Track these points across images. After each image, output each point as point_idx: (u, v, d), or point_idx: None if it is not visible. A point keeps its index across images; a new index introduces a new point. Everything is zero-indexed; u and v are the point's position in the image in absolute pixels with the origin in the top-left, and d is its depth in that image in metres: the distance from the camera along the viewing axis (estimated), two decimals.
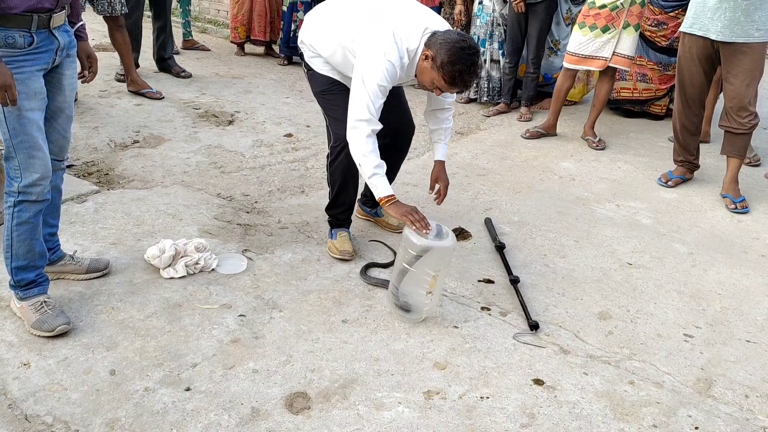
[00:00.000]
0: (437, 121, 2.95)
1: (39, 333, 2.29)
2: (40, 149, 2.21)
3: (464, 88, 2.56)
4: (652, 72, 5.25)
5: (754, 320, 2.75)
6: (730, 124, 3.77)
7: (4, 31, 2.06)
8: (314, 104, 5.28)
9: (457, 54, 2.43)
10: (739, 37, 3.59)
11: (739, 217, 3.75)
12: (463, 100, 5.69)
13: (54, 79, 2.28)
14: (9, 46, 2.08)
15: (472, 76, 2.49)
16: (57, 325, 2.29)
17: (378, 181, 2.59)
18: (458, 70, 2.45)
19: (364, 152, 2.57)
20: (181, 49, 6.70)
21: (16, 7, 2.05)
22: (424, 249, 2.45)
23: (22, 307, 2.35)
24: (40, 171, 2.23)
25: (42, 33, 2.15)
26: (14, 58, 2.09)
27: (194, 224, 3.20)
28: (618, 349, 2.49)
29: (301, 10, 6.15)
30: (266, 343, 2.38)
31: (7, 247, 2.31)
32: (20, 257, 2.32)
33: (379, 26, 2.58)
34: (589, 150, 4.71)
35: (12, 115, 2.13)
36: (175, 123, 4.62)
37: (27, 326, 2.32)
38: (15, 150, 2.18)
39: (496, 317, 2.64)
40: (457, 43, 2.44)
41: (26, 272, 2.35)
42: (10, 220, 2.27)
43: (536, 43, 5.10)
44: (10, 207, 2.26)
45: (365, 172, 2.59)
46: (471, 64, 2.44)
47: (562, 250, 3.23)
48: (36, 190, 2.24)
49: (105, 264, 2.72)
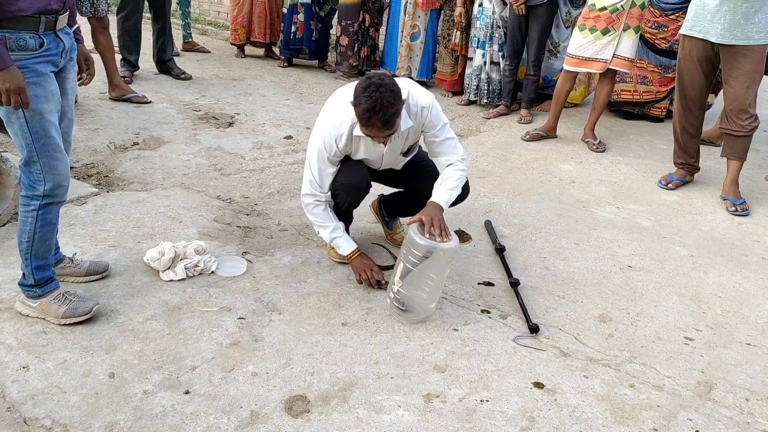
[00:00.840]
0: (442, 171, 2.76)
1: (74, 320, 2.35)
2: (61, 151, 2.24)
3: (383, 127, 2.41)
4: (653, 74, 5.25)
5: (755, 323, 2.74)
6: (730, 126, 3.77)
7: (14, 34, 2.06)
8: (314, 106, 5.31)
9: (360, 94, 2.38)
10: (739, 40, 3.58)
11: (740, 219, 3.75)
12: (463, 102, 5.69)
13: (58, 83, 2.27)
14: (21, 49, 2.08)
15: (380, 112, 2.34)
16: (91, 306, 2.39)
17: (339, 242, 2.79)
18: (363, 109, 2.37)
19: (316, 223, 2.81)
20: (181, 51, 6.70)
21: (27, 9, 2.06)
22: (429, 250, 2.45)
23: (41, 304, 2.37)
24: (62, 172, 2.26)
25: (49, 35, 2.16)
26: (28, 61, 2.10)
27: (194, 226, 3.20)
28: (618, 352, 2.49)
29: (301, 12, 6.15)
30: (266, 345, 2.37)
31: (27, 249, 2.32)
32: (40, 257, 2.35)
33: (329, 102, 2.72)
34: (589, 152, 4.71)
35: (34, 119, 2.14)
36: (175, 125, 4.61)
37: (54, 319, 2.35)
38: (38, 154, 2.18)
39: (496, 320, 2.63)
40: (361, 84, 2.41)
41: (45, 270, 2.39)
42: (33, 222, 2.28)
43: (537, 45, 5.10)
44: (34, 210, 2.26)
45: (325, 239, 2.84)
46: (373, 99, 2.33)
47: (562, 252, 3.23)
48: (60, 191, 2.29)
49: (104, 267, 2.72)
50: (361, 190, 2.83)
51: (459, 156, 2.72)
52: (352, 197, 2.82)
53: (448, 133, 2.72)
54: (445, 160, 2.72)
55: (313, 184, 2.73)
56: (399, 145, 2.77)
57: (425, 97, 2.65)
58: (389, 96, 2.35)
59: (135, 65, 5.57)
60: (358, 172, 2.78)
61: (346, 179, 2.75)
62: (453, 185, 2.67)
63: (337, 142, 2.64)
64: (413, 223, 2.55)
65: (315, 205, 2.77)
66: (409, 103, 2.60)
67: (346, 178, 2.75)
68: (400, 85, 2.58)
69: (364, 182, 2.81)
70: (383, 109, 2.34)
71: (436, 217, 2.54)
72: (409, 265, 2.48)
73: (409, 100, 2.60)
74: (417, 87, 2.69)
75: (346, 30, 5.96)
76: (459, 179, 2.70)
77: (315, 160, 2.70)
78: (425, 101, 2.64)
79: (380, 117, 2.36)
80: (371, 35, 6.10)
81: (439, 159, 2.74)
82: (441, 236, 2.48)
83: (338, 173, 2.75)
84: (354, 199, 2.85)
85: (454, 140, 2.73)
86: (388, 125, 2.41)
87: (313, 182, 2.73)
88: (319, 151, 2.67)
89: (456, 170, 2.70)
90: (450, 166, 2.71)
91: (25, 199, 2.28)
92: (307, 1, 6.12)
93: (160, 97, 5.18)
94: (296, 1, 6.13)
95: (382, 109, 2.34)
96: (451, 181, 2.68)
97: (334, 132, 2.63)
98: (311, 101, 5.51)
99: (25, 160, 2.21)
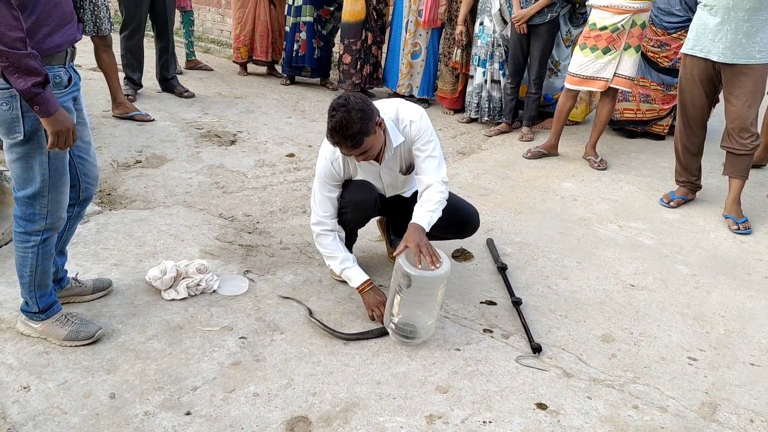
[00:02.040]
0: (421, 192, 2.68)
1: (76, 343, 2.34)
2: (68, 185, 2.24)
3: (350, 147, 2.44)
4: (655, 92, 5.27)
5: (759, 343, 2.73)
6: (732, 145, 3.78)
7: (51, 71, 2.02)
8: (316, 124, 5.33)
9: (328, 114, 2.45)
10: (741, 59, 3.60)
11: (742, 238, 3.74)
12: (464, 120, 5.72)
13: (77, 115, 2.25)
14: (56, 86, 2.06)
15: (341, 131, 2.39)
16: (94, 331, 2.38)
17: (349, 273, 2.72)
18: (328, 129, 2.45)
19: (325, 254, 2.78)
20: (184, 69, 6.75)
21: (62, 45, 2.06)
22: (421, 279, 2.41)
23: (43, 326, 2.36)
24: (64, 205, 2.25)
25: (71, 68, 2.16)
26: (60, 98, 2.06)
27: (196, 245, 3.20)
28: (622, 372, 2.47)
29: (303, 30, 6.19)
30: (267, 365, 2.36)
31: (30, 282, 2.29)
32: (42, 285, 2.33)
33: None
34: (590, 170, 4.72)
35: (57, 157, 2.13)
36: (178, 143, 4.63)
37: (56, 341, 2.34)
38: (50, 189, 2.16)
39: (498, 339, 2.62)
40: (331, 105, 2.46)
41: (48, 296, 2.38)
42: (34, 257, 2.25)
43: (538, 64, 5.13)
44: (34, 246, 2.23)
45: (335, 270, 2.77)
46: (336, 119, 2.38)
47: (564, 271, 3.22)
48: (60, 223, 2.27)
49: (108, 282, 2.73)
50: (368, 208, 2.81)
51: (440, 178, 2.62)
52: (359, 215, 2.81)
53: (434, 151, 2.64)
54: (425, 179, 2.63)
55: (317, 210, 2.74)
56: (394, 163, 2.76)
57: (415, 112, 2.66)
58: (354, 115, 2.38)
59: (138, 83, 5.60)
60: (367, 190, 2.78)
61: (354, 197, 2.75)
62: (433, 207, 2.58)
63: (334, 165, 2.67)
64: (401, 253, 2.49)
65: (323, 235, 2.75)
66: (398, 118, 2.63)
67: (354, 196, 2.75)
68: (386, 105, 2.62)
69: (371, 200, 2.79)
70: (345, 128, 2.39)
71: (422, 242, 2.46)
72: (403, 295, 2.45)
73: (398, 116, 2.64)
74: (407, 104, 2.70)
75: (348, 48, 5.99)
76: (439, 201, 2.59)
77: (317, 184, 2.73)
78: (414, 115, 2.65)
79: (343, 136, 2.41)
80: (374, 53, 6.13)
81: (420, 177, 2.65)
82: (432, 263, 2.42)
83: (346, 191, 2.76)
84: (361, 218, 2.85)
85: (437, 160, 2.63)
86: (355, 143, 2.43)
87: (316, 208, 2.74)
88: (319, 176, 2.71)
89: (436, 192, 2.60)
90: (430, 187, 2.61)
91: (22, 235, 2.22)
92: (309, 20, 6.17)
93: (163, 115, 5.21)
94: (299, 20, 6.18)
95: (344, 127, 2.39)
96: (431, 204, 2.58)
97: (329, 156, 2.67)
98: (313, 119, 5.53)
99: (32, 193, 2.14)
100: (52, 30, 2.02)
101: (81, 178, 2.38)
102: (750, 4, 3.48)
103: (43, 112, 1.94)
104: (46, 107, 1.93)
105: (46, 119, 1.96)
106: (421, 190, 2.66)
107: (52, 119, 1.96)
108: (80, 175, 2.38)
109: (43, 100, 1.92)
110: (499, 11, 5.28)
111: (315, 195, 2.75)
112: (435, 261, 2.43)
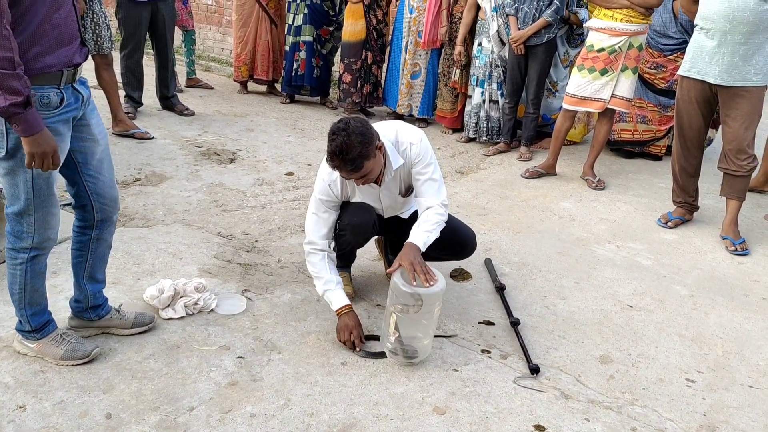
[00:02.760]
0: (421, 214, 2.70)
1: (72, 363, 2.32)
2: (56, 205, 2.21)
3: (350, 170, 2.47)
4: (652, 113, 5.31)
5: (756, 365, 2.73)
6: (729, 166, 3.80)
7: (39, 90, 2.02)
8: (315, 143, 5.35)
9: (328, 138, 2.47)
10: (738, 82, 3.63)
11: (740, 259, 3.75)
12: (463, 140, 5.75)
13: (84, 132, 2.24)
14: (44, 107, 2.04)
15: (341, 155, 2.41)
16: (90, 350, 2.35)
17: (330, 295, 2.68)
18: (328, 153, 2.46)
19: (312, 273, 2.73)
20: (185, 87, 6.78)
21: (54, 66, 2.04)
22: (416, 297, 2.41)
23: (39, 345, 2.34)
24: (54, 226, 2.22)
25: (68, 88, 2.12)
26: (48, 120, 2.04)
27: (194, 263, 3.20)
28: (620, 394, 2.47)
29: (303, 50, 6.24)
30: (264, 386, 2.35)
31: (21, 299, 2.28)
32: (34, 304, 2.31)
33: None
34: (588, 190, 4.73)
35: (42, 177, 2.10)
36: (177, 161, 4.64)
37: (53, 360, 2.33)
38: (35, 208, 2.14)
39: (496, 360, 2.62)
40: (331, 128, 2.48)
41: (41, 315, 2.35)
42: (23, 275, 2.23)
43: (536, 84, 5.17)
44: (22, 263, 2.21)
45: (318, 291, 2.73)
46: (336, 143, 2.41)
47: (562, 291, 3.22)
48: (48, 243, 2.24)
49: (150, 318, 2.64)
50: (367, 230, 2.82)
51: (440, 201, 2.64)
52: (357, 237, 2.82)
53: (434, 174, 2.65)
54: (425, 201, 2.65)
55: (310, 229, 2.73)
56: (394, 186, 2.78)
57: (414, 134, 2.68)
58: (354, 139, 2.40)
59: (138, 101, 5.63)
60: (366, 212, 2.78)
61: (353, 219, 2.75)
62: (431, 228, 2.60)
63: (332, 186, 2.68)
64: (395, 271, 2.49)
65: (313, 254, 2.72)
66: (397, 141, 2.65)
67: (353, 218, 2.75)
68: (385, 128, 2.62)
69: (370, 222, 2.80)
70: (345, 152, 2.40)
71: (416, 260, 2.47)
72: (399, 314, 2.45)
73: (397, 139, 2.65)
74: (406, 126, 2.72)
75: (348, 68, 6.03)
76: (437, 223, 2.61)
77: (313, 204, 2.73)
78: (414, 138, 2.66)
79: (343, 159, 2.42)
80: (374, 72, 6.18)
81: (420, 200, 2.68)
82: (426, 281, 2.43)
83: (345, 213, 2.76)
84: (359, 240, 2.86)
85: (437, 183, 2.66)
86: (355, 167, 2.45)
87: (310, 228, 2.73)
88: (316, 197, 2.71)
89: (435, 214, 2.62)
90: (429, 209, 2.64)
91: (11, 252, 2.22)
92: (309, 39, 6.22)
93: (163, 133, 5.23)
94: (298, 40, 6.23)
95: (344, 152, 2.40)
96: (428, 224, 2.60)
97: (327, 178, 2.67)
98: (313, 138, 5.55)
99: (18, 211, 2.14)
100: (45, 50, 2.01)
101: (92, 198, 2.32)
102: (746, 27, 3.52)
103: (22, 131, 1.93)
104: (25, 127, 1.92)
105: (25, 139, 1.95)
106: (421, 212, 2.68)
107: (31, 140, 1.95)
108: (91, 195, 2.32)
109: (22, 119, 1.91)
110: (497, 32, 5.33)
111: (310, 215, 2.74)
112: (429, 279, 2.43)
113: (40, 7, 1.97)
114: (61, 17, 2.05)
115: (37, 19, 1.98)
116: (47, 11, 2.00)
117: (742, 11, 3.50)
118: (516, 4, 5.04)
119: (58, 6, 2.03)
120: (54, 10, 2.02)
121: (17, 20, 1.92)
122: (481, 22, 5.46)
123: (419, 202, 2.69)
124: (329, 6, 6.26)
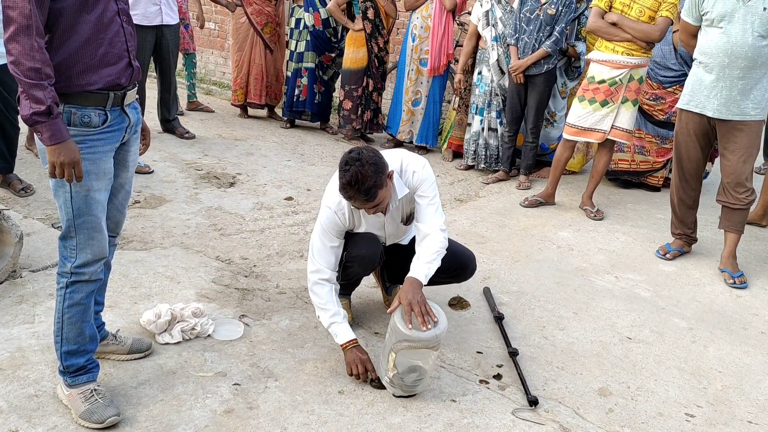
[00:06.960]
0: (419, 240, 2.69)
1: (88, 425, 2.18)
2: (101, 231, 2.17)
3: (364, 200, 2.46)
4: (650, 144, 5.33)
5: (756, 400, 2.71)
6: (728, 199, 3.81)
7: (80, 110, 2.04)
8: (315, 168, 5.37)
9: (340, 169, 2.46)
10: (736, 115, 3.66)
11: (738, 292, 3.74)
12: (462, 167, 5.77)
13: (120, 156, 2.24)
14: (84, 125, 2.06)
15: (356, 185, 2.40)
16: (107, 416, 2.18)
17: (337, 329, 2.63)
18: (342, 183, 2.45)
19: (318, 304, 2.67)
20: (186, 111, 6.81)
21: (95, 84, 2.06)
22: (413, 339, 2.39)
23: (70, 395, 2.24)
24: (97, 253, 2.18)
25: (115, 111, 2.13)
26: (88, 137, 2.06)
27: (192, 288, 3.18)
28: (619, 428, 2.45)
29: (305, 76, 6.29)
30: (260, 414, 2.33)
31: (58, 330, 2.21)
32: (70, 341, 2.21)
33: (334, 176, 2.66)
34: (587, 220, 4.74)
35: (79, 195, 2.09)
36: (177, 184, 4.65)
37: (74, 416, 2.21)
38: (76, 230, 2.12)
39: (494, 391, 2.60)
40: (342, 158, 2.48)
41: (76, 357, 2.24)
42: (61, 302, 2.19)
43: (535, 113, 5.21)
44: (62, 288, 2.18)
45: (323, 323, 2.67)
46: (351, 173, 2.40)
47: (561, 322, 3.21)
48: (89, 270, 2.18)
49: (147, 345, 2.62)
50: (374, 262, 2.83)
51: (438, 226, 2.63)
52: (365, 269, 2.84)
53: (434, 199, 2.66)
54: (423, 227, 2.64)
55: (317, 259, 2.68)
56: (397, 214, 2.79)
57: (418, 162, 2.70)
58: (368, 168, 2.40)
59: None
60: (373, 244, 2.78)
61: (361, 251, 2.75)
62: (432, 258, 2.59)
63: (338, 215, 2.67)
64: (395, 310, 2.47)
65: (320, 285, 2.66)
66: (402, 169, 2.66)
67: (361, 251, 2.75)
68: (391, 156, 2.63)
69: (378, 254, 2.80)
70: (360, 182, 2.40)
71: (415, 299, 2.43)
72: (396, 353, 2.42)
73: (402, 168, 2.66)
74: (410, 155, 2.73)
75: (349, 94, 6.07)
76: (437, 252, 2.61)
77: (318, 234, 2.69)
78: (417, 165, 2.68)
79: (358, 190, 2.42)
80: (374, 99, 6.21)
81: (419, 225, 2.67)
82: (424, 323, 2.39)
83: (353, 246, 2.75)
84: (368, 271, 2.89)
85: (435, 207, 2.66)
86: (369, 197, 2.45)
87: (316, 257, 2.68)
88: (322, 226, 2.68)
89: (435, 242, 2.61)
90: (428, 236, 2.62)
91: (57, 276, 2.20)
92: (311, 66, 6.28)
93: (163, 156, 5.24)
94: (300, 66, 6.28)
95: (359, 182, 2.40)
96: (429, 254, 2.59)
97: (334, 206, 2.66)
98: (312, 163, 5.57)
99: (63, 234, 2.14)
100: (88, 69, 2.04)
101: None
102: (744, 62, 3.56)
103: (44, 140, 1.96)
104: (49, 135, 1.95)
105: (48, 147, 1.97)
106: (420, 238, 2.67)
107: (53, 149, 1.97)
108: None
109: (45, 128, 1.93)
110: (497, 61, 5.38)
111: (315, 244, 2.70)
112: (427, 322, 2.39)
113: (83, 26, 2.01)
114: (107, 37, 2.07)
115: (80, 38, 2.01)
116: (92, 31, 2.03)
117: (741, 46, 3.54)
118: (517, 35, 5.10)
119: (104, 26, 2.06)
120: (100, 30, 2.05)
121: (58, 37, 1.98)
122: (481, 51, 5.52)
123: (418, 228, 2.69)
124: (331, 33, 6.32)
